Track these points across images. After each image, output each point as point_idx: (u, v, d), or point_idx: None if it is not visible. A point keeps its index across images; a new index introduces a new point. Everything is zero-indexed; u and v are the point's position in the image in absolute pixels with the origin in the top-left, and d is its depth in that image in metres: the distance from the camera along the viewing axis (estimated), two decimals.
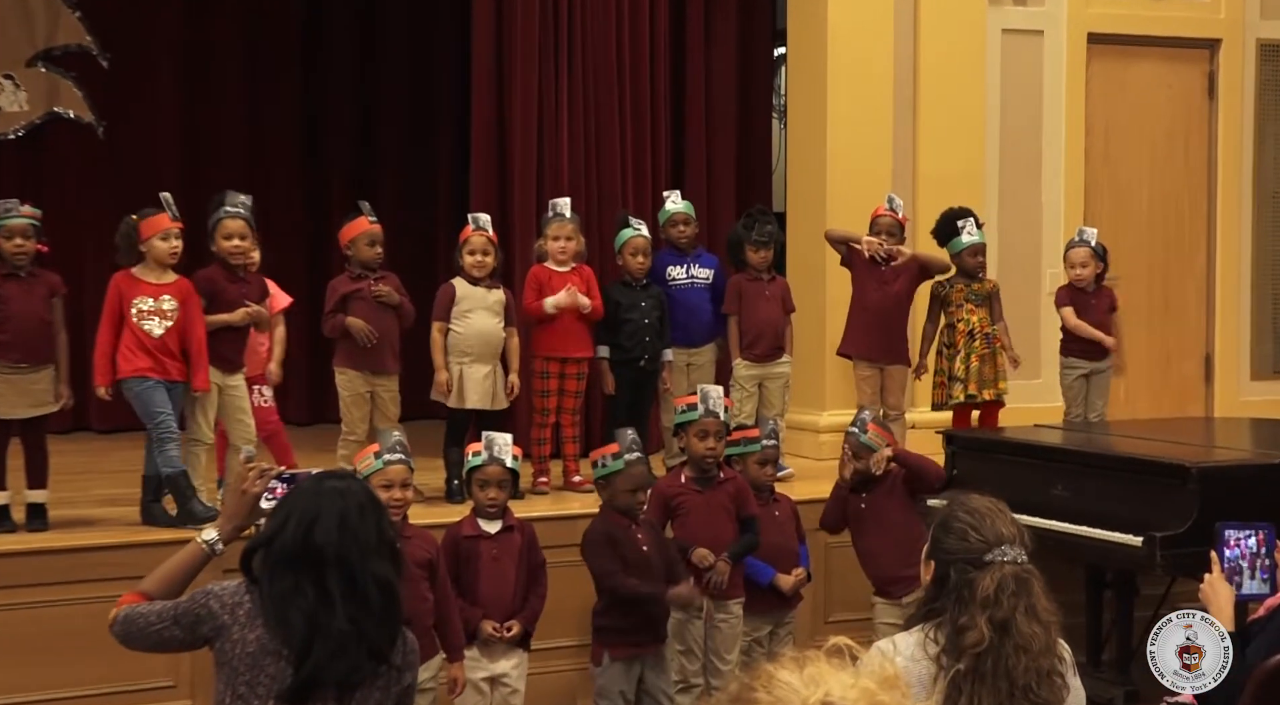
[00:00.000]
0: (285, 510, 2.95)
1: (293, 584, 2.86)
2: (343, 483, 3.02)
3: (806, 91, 8.14)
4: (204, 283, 5.96)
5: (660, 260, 7.17)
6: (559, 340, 6.81)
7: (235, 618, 2.90)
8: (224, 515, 3.29)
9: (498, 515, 5.11)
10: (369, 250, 6.45)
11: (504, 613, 5.04)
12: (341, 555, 2.88)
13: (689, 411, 5.55)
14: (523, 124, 7.81)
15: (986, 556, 2.84)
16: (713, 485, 5.51)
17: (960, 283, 7.18)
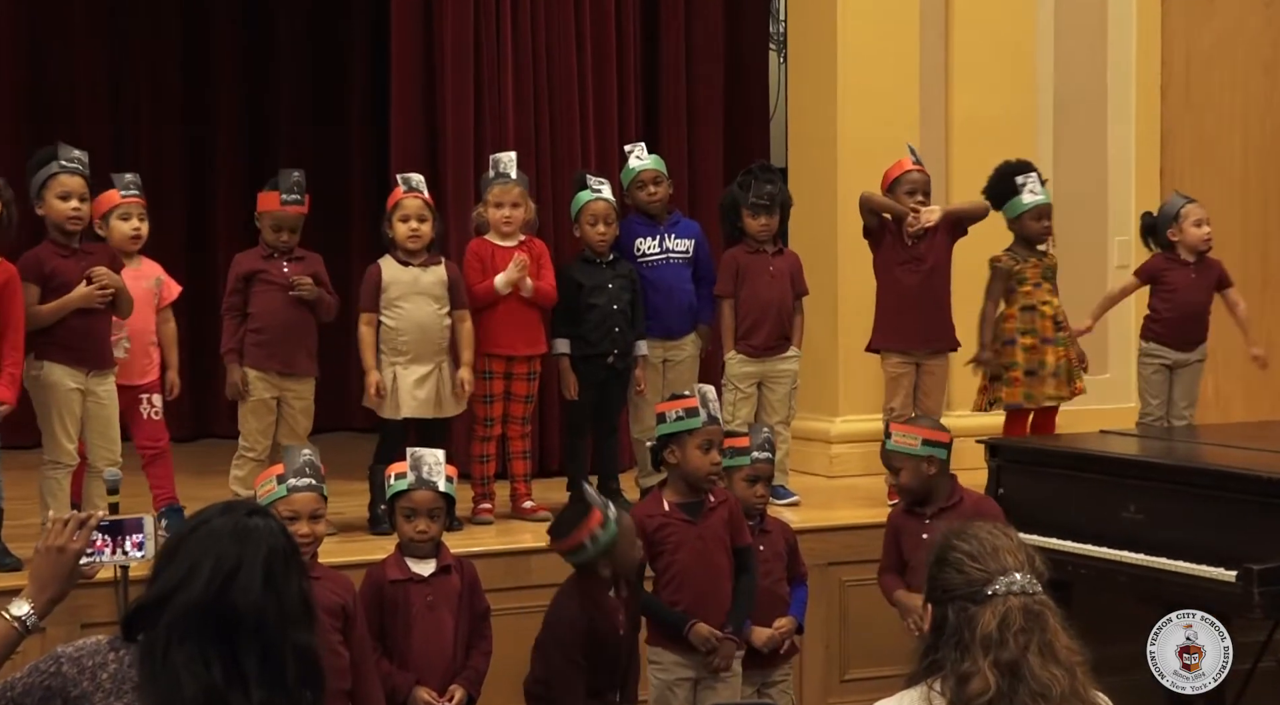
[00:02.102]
0: (188, 555, 2.86)
1: (195, 652, 2.82)
2: (264, 522, 2.95)
3: (811, 15, 8.15)
4: (31, 264, 5.93)
5: (628, 230, 7.16)
6: (503, 333, 6.80)
7: (97, 683, 2.87)
8: (35, 581, 3.13)
9: (430, 553, 5.11)
10: (272, 235, 6.47)
11: (441, 675, 5.04)
12: (262, 619, 2.85)
13: (688, 418, 5.51)
14: (455, 57, 7.78)
15: (988, 589, 2.88)
16: (704, 512, 5.50)
17: (1032, 256, 7.21)
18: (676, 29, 8.49)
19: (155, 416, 6.51)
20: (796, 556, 5.82)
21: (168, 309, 6.61)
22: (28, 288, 5.89)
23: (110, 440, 6.04)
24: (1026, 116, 8.18)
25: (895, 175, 7.18)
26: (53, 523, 3.19)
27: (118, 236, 6.39)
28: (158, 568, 2.93)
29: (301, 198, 6.50)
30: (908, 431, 5.74)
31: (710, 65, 8.61)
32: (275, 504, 4.72)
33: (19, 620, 3.07)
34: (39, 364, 5.93)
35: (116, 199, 6.43)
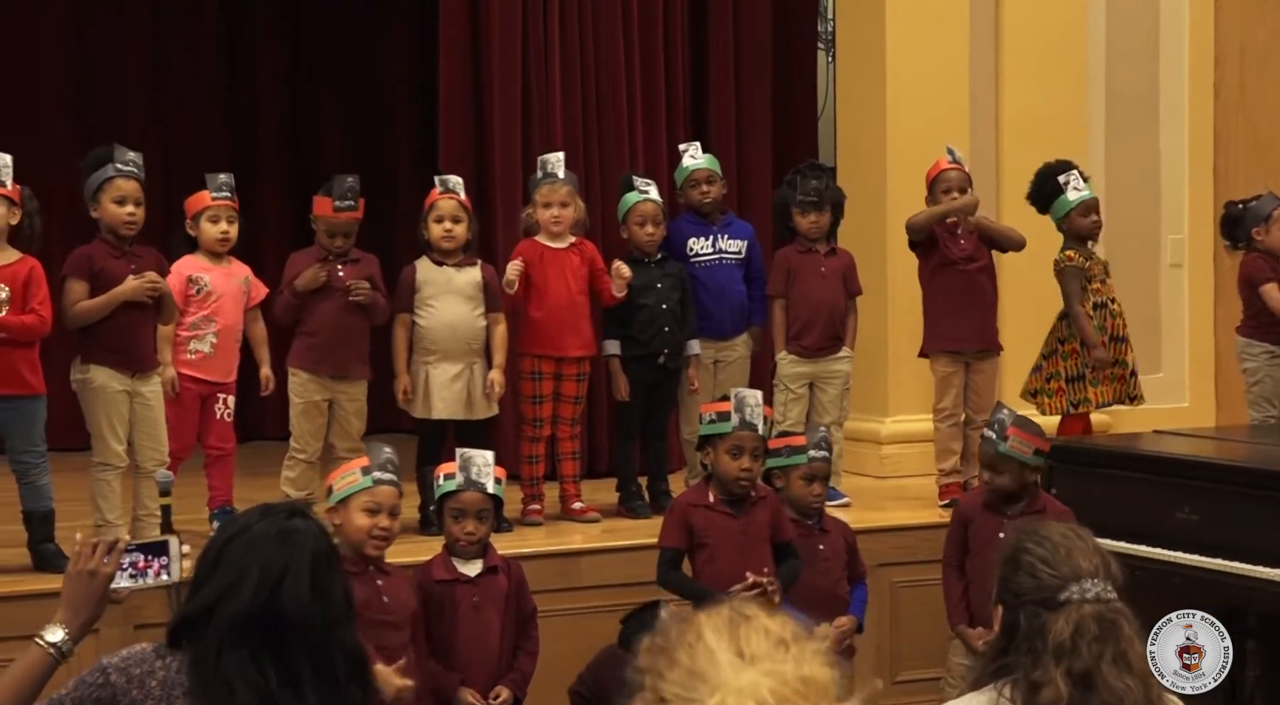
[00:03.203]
0: (233, 563, 2.90)
1: (247, 658, 2.84)
2: (305, 524, 2.99)
3: (860, 14, 8.13)
4: (81, 261, 5.98)
5: (680, 230, 7.17)
6: (552, 334, 6.81)
7: (146, 691, 2.88)
8: (68, 606, 3.14)
9: (477, 553, 5.12)
10: (326, 239, 6.51)
11: (487, 676, 5.04)
12: (311, 623, 2.88)
13: (719, 421, 5.53)
14: (502, 58, 7.80)
15: (1061, 595, 2.85)
16: (747, 508, 5.50)
17: (1091, 253, 7.17)
18: (725, 29, 8.47)
19: (227, 418, 6.56)
20: (856, 556, 5.82)
21: (256, 309, 6.66)
22: (76, 283, 5.94)
23: (158, 441, 6.08)
24: (1077, 115, 8.14)
25: (933, 175, 7.16)
26: (81, 546, 3.20)
27: (207, 238, 6.47)
28: (202, 575, 2.94)
29: (355, 203, 6.52)
30: (1026, 440, 5.70)
31: (758, 65, 8.59)
32: (358, 494, 4.74)
33: (55, 646, 3.08)
34: (85, 367, 5.97)
35: (207, 200, 6.50)
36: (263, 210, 9.55)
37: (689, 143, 7.45)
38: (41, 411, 5.85)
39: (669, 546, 5.50)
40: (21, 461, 5.80)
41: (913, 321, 7.37)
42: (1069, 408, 7.14)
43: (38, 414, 5.83)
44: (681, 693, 1.86)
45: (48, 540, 5.83)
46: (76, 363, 6.00)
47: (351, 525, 4.74)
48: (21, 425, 5.77)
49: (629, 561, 6.21)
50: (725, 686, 1.82)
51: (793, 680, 1.83)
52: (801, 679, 1.83)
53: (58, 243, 7.82)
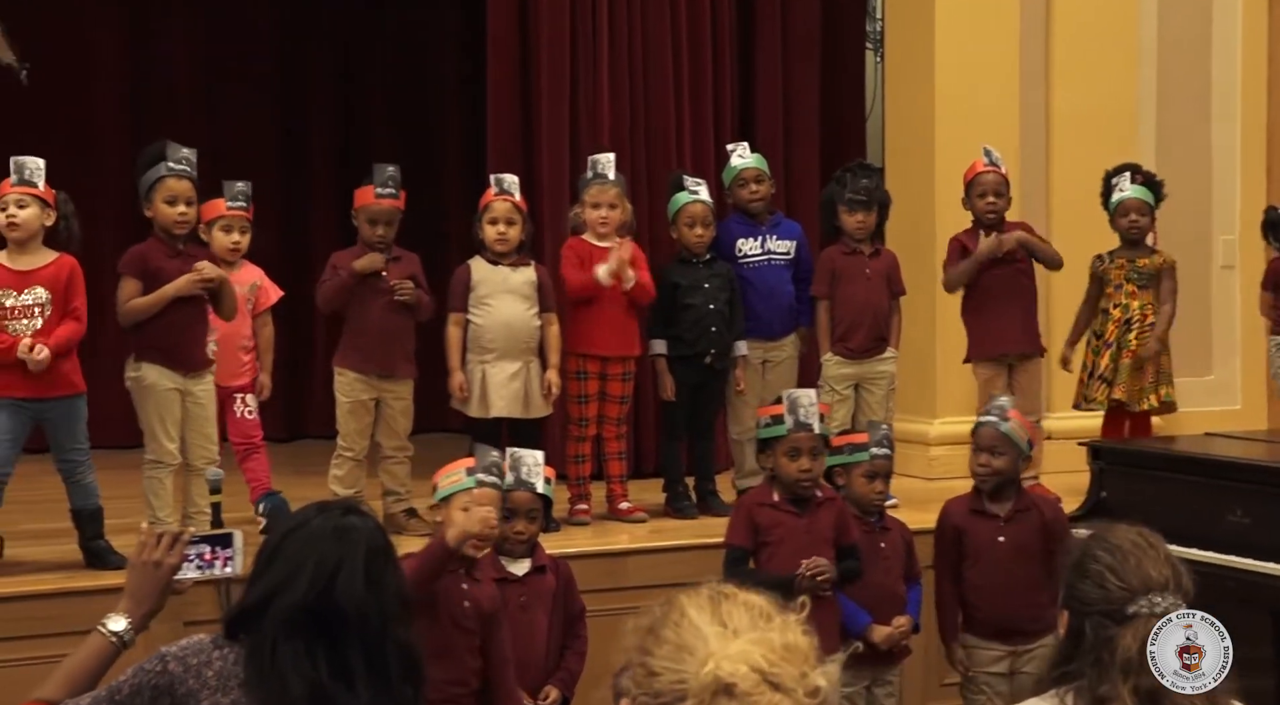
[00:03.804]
0: (290, 557, 2.94)
1: (302, 651, 2.87)
2: (361, 521, 3.03)
3: (909, 13, 8.12)
4: (135, 260, 6.03)
5: (728, 231, 7.17)
6: (598, 334, 6.82)
7: (203, 681, 2.92)
8: (131, 596, 3.18)
9: (525, 553, 5.13)
10: (368, 230, 6.53)
11: (535, 675, 5.04)
12: (364, 618, 2.91)
13: (774, 425, 5.53)
14: (551, 57, 7.82)
15: (1129, 608, 2.82)
16: (811, 508, 5.51)
17: (1121, 257, 7.16)
18: (772, 29, 8.48)
19: (249, 415, 6.64)
20: (913, 555, 5.81)
21: (266, 313, 6.72)
22: (129, 281, 5.99)
23: (208, 439, 6.13)
24: (1128, 114, 8.12)
25: (969, 178, 7.16)
26: (146, 537, 3.24)
27: (217, 247, 6.59)
28: (259, 569, 2.98)
29: (396, 192, 6.55)
30: (1025, 425, 5.72)
31: (806, 65, 8.59)
32: (459, 494, 4.77)
33: (116, 635, 3.12)
34: (137, 365, 6.02)
35: (222, 209, 6.58)
36: (312, 212, 9.64)
37: (736, 142, 7.45)
38: (84, 409, 5.89)
39: (735, 545, 5.51)
40: (68, 460, 5.84)
41: (960, 323, 7.36)
42: (1080, 401, 7.15)
43: (80, 412, 5.87)
44: (671, 665, 2.02)
45: (98, 537, 5.88)
46: (130, 361, 6.05)
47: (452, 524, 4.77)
48: (66, 424, 5.81)
49: (676, 561, 6.22)
50: (716, 655, 1.98)
51: (778, 647, 2.00)
52: (785, 646, 2.00)
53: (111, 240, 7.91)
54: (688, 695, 1.99)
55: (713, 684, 1.98)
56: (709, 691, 1.98)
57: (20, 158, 5.85)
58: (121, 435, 8.05)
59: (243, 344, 6.62)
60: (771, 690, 1.97)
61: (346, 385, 6.55)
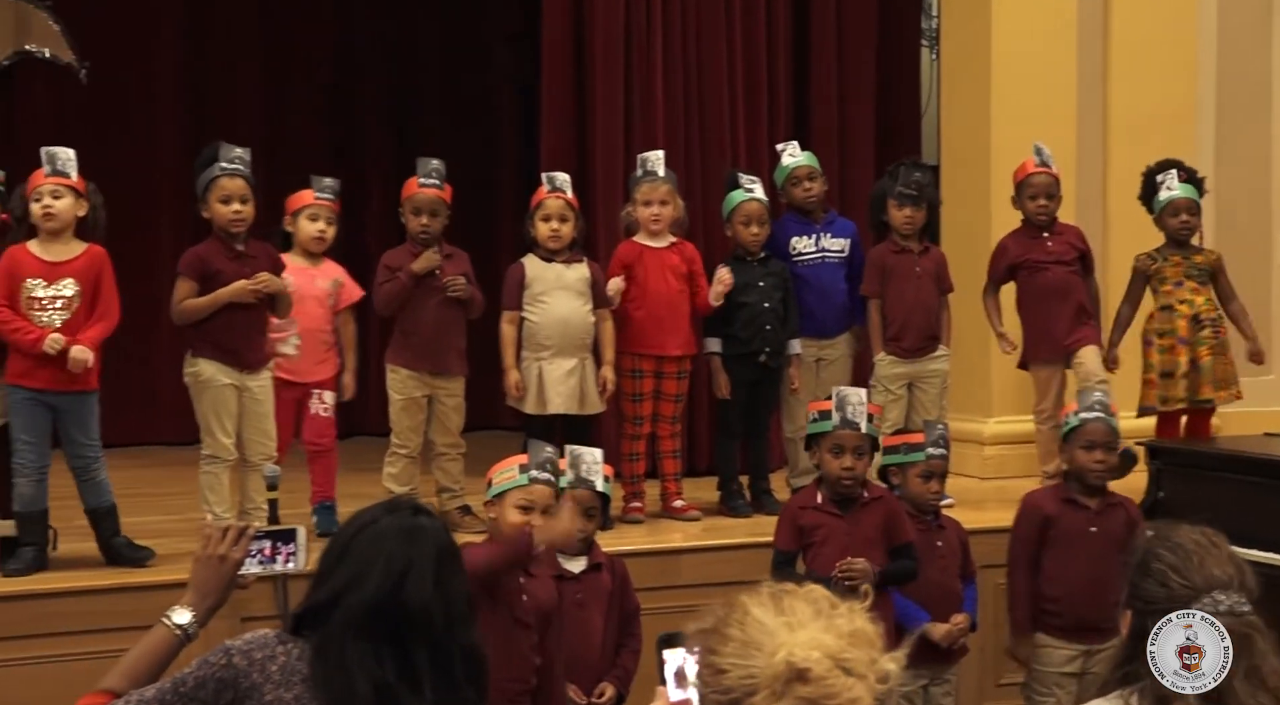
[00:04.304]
0: (359, 555, 2.96)
1: (369, 650, 2.89)
2: (429, 521, 3.04)
3: (965, 10, 8.09)
4: (194, 261, 6.07)
5: (782, 229, 7.17)
6: (653, 332, 6.83)
7: (266, 675, 2.93)
8: (196, 590, 3.19)
9: (582, 550, 5.14)
10: (413, 220, 6.55)
11: (589, 673, 5.04)
12: (431, 619, 2.92)
13: (821, 420, 5.53)
14: (605, 57, 7.83)
15: (1193, 606, 2.81)
16: (857, 507, 5.49)
17: (1175, 254, 7.11)
18: (828, 26, 8.45)
19: (325, 413, 6.62)
20: (968, 554, 5.80)
21: (349, 311, 6.71)
22: (185, 282, 6.02)
23: (265, 435, 6.15)
24: (1187, 112, 8.06)
25: (1019, 178, 7.12)
26: (210, 531, 3.25)
27: (303, 236, 6.57)
28: (327, 567, 2.99)
29: (440, 183, 6.57)
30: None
31: (862, 62, 8.57)
32: (513, 491, 4.76)
33: (181, 628, 3.13)
34: (195, 361, 6.06)
35: (309, 199, 6.60)
36: (367, 211, 9.66)
37: (786, 142, 7.45)
38: (96, 406, 5.89)
39: (781, 548, 5.52)
40: (81, 457, 5.84)
41: (1016, 320, 7.33)
42: (1158, 402, 7.09)
43: (93, 409, 5.87)
44: (739, 661, 2.03)
45: (116, 534, 5.90)
46: (188, 356, 6.09)
47: (505, 521, 4.76)
48: (79, 420, 5.81)
49: (730, 560, 6.22)
50: (786, 644, 2.01)
51: (846, 633, 2.03)
52: (853, 632, 2.04)
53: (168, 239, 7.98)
54: (758, 689, 2.01)
55: (786, 671, 2.00)
56: (782, 680, 2.00)
57: (52, 148, 5.88)
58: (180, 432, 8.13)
59: (324, 339, 6.62)
60: (844, 675, 1.99)
61: (399, 382, 6.57)
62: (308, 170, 6.98)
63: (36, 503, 5.78)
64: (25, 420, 5.74)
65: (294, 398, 6.51)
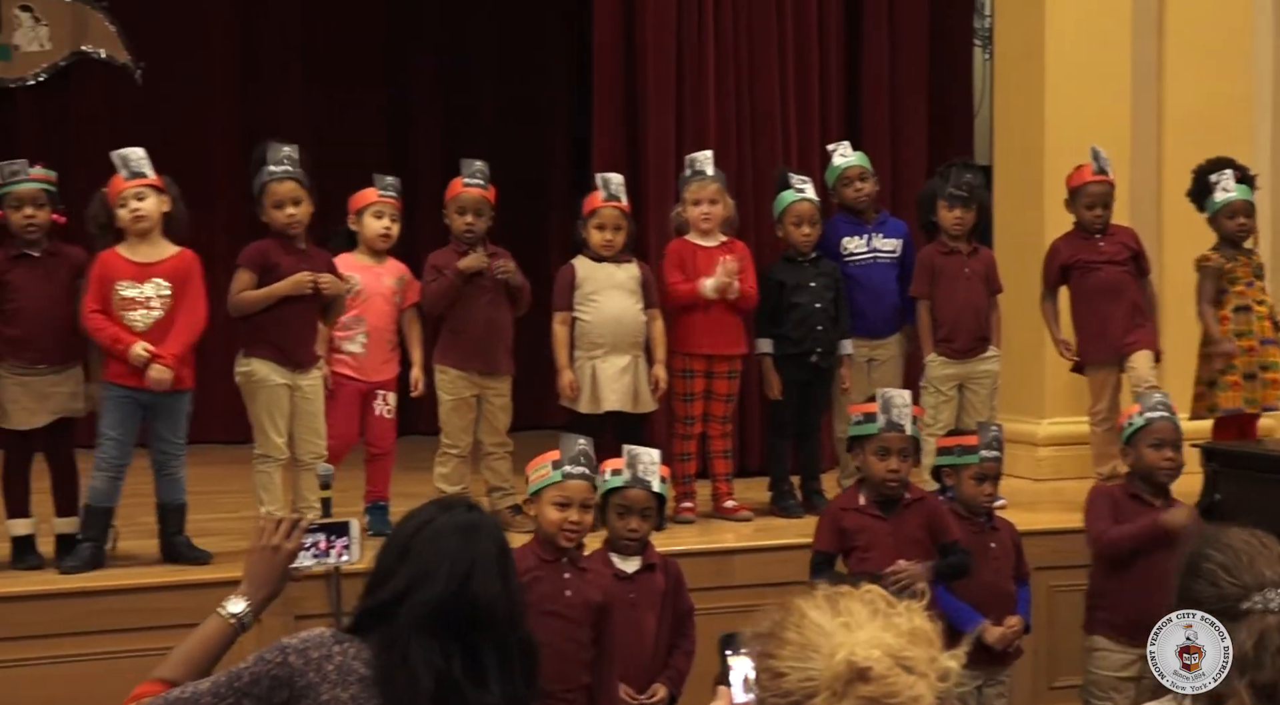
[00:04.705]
0: (421, 555, 2.96)
1: (434, 647, 2.89)
2: (483, 518, 3.06)
3: (1019, 9, 8.04)
4: (255, 254, 6.09)
5: (833, 229, 7.15)
6: (703, 332, 6.82)
7: (323, 675, 2.92)
8: (250, 580, 3.21)
9: (637, 550, 5.12)
10: (458, 220, 6.56)
11: (641, 673, 5.03)
12: (496, 615, 2.94)
13: (866, 422, 5.50)
14: (656, 57, 7.82)
15: (1243, 604, 2.79)
16: (899, 509, 5.47)
17: (1240, 254, 7.04)
18: (879, 25, 8.43)
19: (387, 415, 6.63)
20: (1021, 555, 5.78)
21: (413, 308, 6.71)
22: (245, 273, 6.05)
23: (317, 434, 6.17)
24: (1243, 110, 8.01)
25: (1075, 185, 7.07)
26: (265, 522, 3.26)
27: (369, 233, 6.56)
28: (387, 567, 2.99)
29: (484, 183, 6.57)
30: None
31: (913, 62, 8.54)
32: (548, 488, 4.77)
33: (236, 617, 3.14)
34: (247, 361, 6.07)
35: (373, 196, 6.60)
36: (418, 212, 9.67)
37: (837, 142, 7.43)
38: (188, 406, 5.95)
39: (821, 550, 5.49)
40: (164, 453, 5.90)
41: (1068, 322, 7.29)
42: (1205, 412, 7.02)
43: (184, 407, 5.93)
44: (797, 664, 2.02)
45: (179, 532, 5.93)
46: (240, 356, 6.11)
47: (544, 518, 4.77)
48: (169, 417, 5.86)
49: (782, 561, 6.19)
50: (845, 644, 2.00)
51: (906, 631, 2.02)
52: (912, 630, 2.03)
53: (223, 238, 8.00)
54: (819, 690, 2.00)
55: (846, 671, 1.99)
56: (842, 680, 1.99)
57: (123, 151, 5.91)
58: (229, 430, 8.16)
59: (389, 338, 6.63)
60: (905, 673, 1.99)
61: (449, 383, 6.57)
62: (359, 170, 7.00)
63: (108, 499, 5.83)
64: (116, 417, 5.80)
65: (359, 396, 6.52)
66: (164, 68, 9.47)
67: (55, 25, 9.37)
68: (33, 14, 9.34)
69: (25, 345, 5.88)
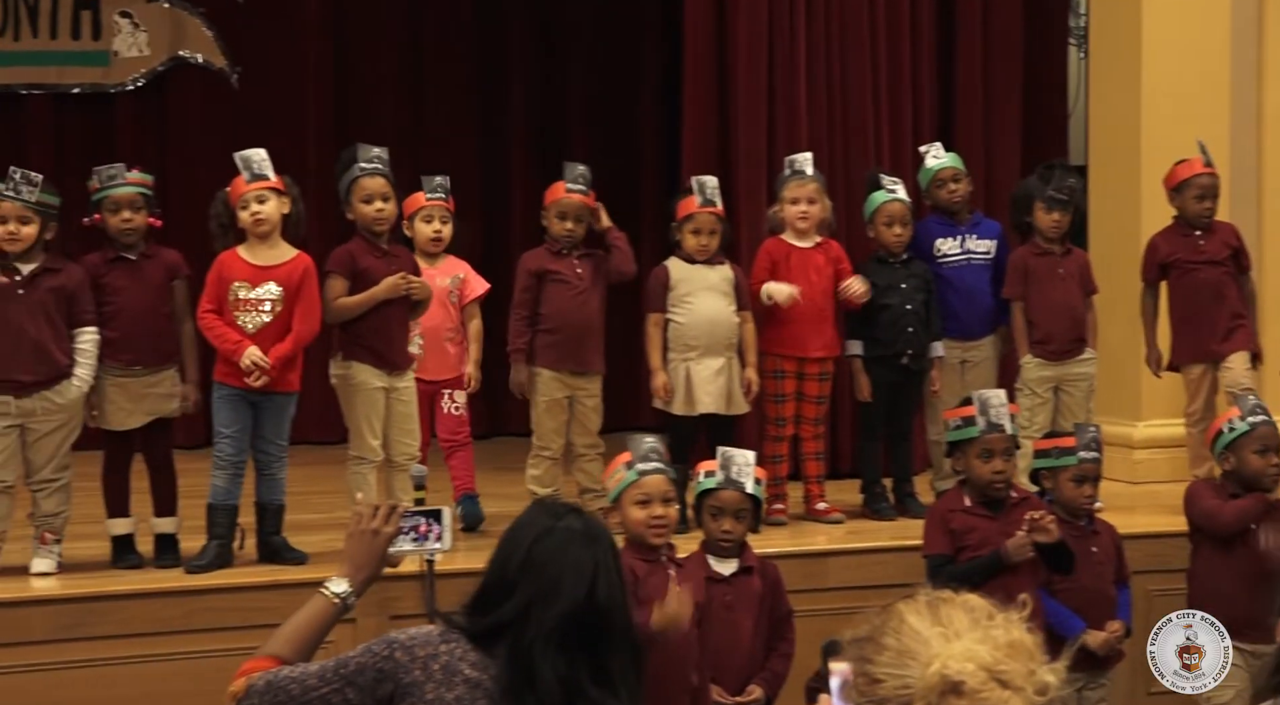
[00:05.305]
0: (544, 563, 2.96)
1: (563, 659, 2.89)
2: (598, 526, 3.08)
3: (1115, 8, 7.95)
4: (344, 259, 6.12)
5: (926, 230, 7.09)
6: (795, 334, 6.79)
7: (428, 673, 2.93)
8: (350, 563, 3.25)
9: (734, 553, 5.10)
10: (557, 224, 6.56)
11: (736, 676, 5.02)
12: (616, 618, 2.95)
13: (965, 427, 5.46)
14: (747, 58, 7.79)
15: None
16: (1007, 508, 5.43)
17: None
18: (973, 25, 8.35)
19: (456, 411, 6.67)
20: (1122, 558, 5.73)
21: (473, 305, 6.74)
22: (336, 280, 6.07)
23: (411, 435, 6.20)
24: None
25: (1184, 177, 6.97)
26: (363, 508, 3.30)
27: (420, 238, 6.63)
28: (510, 578, 2.99)
29: (586, 188, 6.58)
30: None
31: (1008, 62, 8.46)
32: (628, 489, 4.78)
33: (339, 597, 3.18)
34: (346, 364, 6.11)
35: (422, 201, 6.65)
36: (511, 209, 9.70)
37: (929, 144, 7.37)
38: (293, 408, 6.01)
39: (937, 553, 5.46)
40: (265, 453, 5.95)
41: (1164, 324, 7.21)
42: None
43: (290, 410, 5.99)
44: (894, 671, 1.99)
45: (277, 532, 5.99)
46: (337, 359, 6.14)
47: (629, 520, 4.78)
48: (274, 418, 5.92)
49: (875, 563, 6.18)
50: (941, 655, 1.97)
51: (1003, 644, 1.98)
52: (1010, 643, 1.99)
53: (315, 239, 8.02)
54: (914, 699, 1.98)
55: (940, 684, 1.96)
56: (936, 692, 1.96)
57: (245, 153, 5.97)
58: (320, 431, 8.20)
59: (448, 337, 6.66)
60: (1000, 687, 1.96)
61: (542, 384, 6.57)
62: (452, 170, 7.02)
63: (229, 497, 5.90)
64: (228, 415, 5.86)
65: (425, 396, 6.54)
66: (258, 72, 9.54)
67: (154, 31, 9.46)
68: (132, 20, 9.43)
69: (122, 347, 5.95)
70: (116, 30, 9.40)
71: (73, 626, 5.49)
